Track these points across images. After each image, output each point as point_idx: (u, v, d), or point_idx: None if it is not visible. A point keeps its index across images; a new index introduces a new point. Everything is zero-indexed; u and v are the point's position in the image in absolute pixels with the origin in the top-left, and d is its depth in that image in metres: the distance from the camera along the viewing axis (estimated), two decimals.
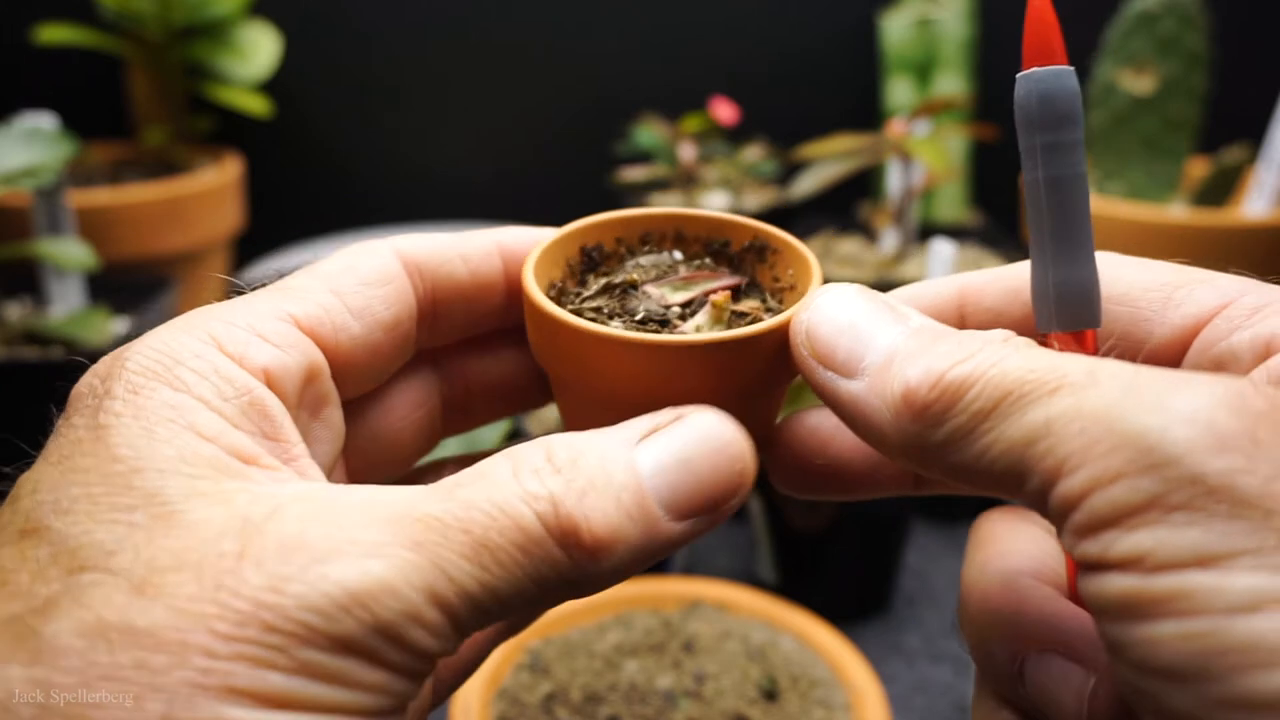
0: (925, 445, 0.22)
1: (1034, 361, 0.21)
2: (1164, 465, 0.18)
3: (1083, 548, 0.19)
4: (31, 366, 0.75)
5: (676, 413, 0.24)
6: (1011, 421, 0.20)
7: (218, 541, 0.19)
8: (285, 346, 0.24)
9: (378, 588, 0.19)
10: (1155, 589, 0.18)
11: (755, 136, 1.17)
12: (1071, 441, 0.19)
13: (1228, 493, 0.18)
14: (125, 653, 0.18)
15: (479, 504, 0.20)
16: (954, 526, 0.84)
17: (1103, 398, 0.19)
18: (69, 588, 0.19)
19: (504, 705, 0.52)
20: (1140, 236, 0.90)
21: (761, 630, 0.58)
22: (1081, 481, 0.19)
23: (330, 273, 0.27)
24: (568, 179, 1.28)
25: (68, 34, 1.03)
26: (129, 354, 0.23)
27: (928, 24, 1.11)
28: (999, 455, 0.20)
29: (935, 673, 0.68)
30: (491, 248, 0.30)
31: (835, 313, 0.25)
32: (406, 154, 1.27)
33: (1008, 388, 0.20)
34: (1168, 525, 0.18)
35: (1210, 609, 0.17)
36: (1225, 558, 0.17)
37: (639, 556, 0.22)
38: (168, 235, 1.01)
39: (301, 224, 1.23)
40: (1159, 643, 0.18)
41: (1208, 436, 0.18)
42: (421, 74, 1.23)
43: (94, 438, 0.21)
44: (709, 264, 0.32)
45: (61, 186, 0.81)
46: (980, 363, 0.21)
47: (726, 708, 0.51)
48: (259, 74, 1.07)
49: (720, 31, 1.21)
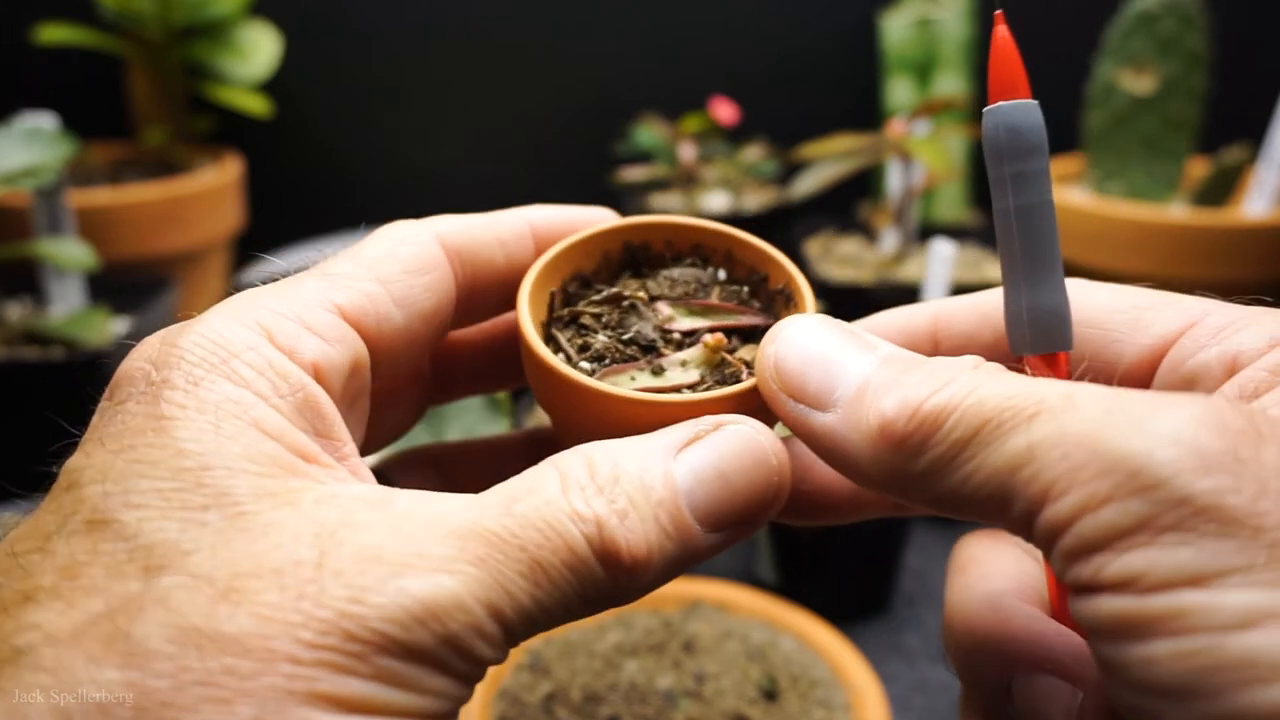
0: (905, 476, 0.22)
1: (1010, 387, 0.21)
2: (1152, 488, 0.18)
3: (1074, 571, 0.19)
4: (31, 366, 0.75)
5: (717, 421, 0.25)
6: (993, 449, 0.20)
7: (294, 548, 0.20)
8: (333, 341, 0.24)
9: (449, 602, 0.19)
10: (1149, 609, 0.18)
11: (755, 136, 1.17)
12: (1056, 467, 0.19)
13: (1216, 512, 0.18)
14: (215, 659, 0.18)
15: (534, 522, 0.21)
16: (954, 527, 0.84)
17: (1083, 421, 0.19)
18: (151, 588, 0.19)
19: (504, 705, 0.52)
20: (1140, 236, 0.90)
21: (761, 630, 0.58)
22: (1069, 506, 0.19)
23: (374, 258, 0.26)
24: (568, 179, 1.28)
25: (68, 34, 1.03)
26: (183, 341, 0.22)
27: (928, 24, 1.11)
28: (982, 483, 0.20)
29: (935, 673, 0.68)
30: (525, 229, 0.30)
31: (803, 344, 0.25)
32: (406, 154, 1.27)
33: (986, 415, 0.20)
34: (1159, 546, 0.18)
35: (1205, 627, 0.18)
36: (1217, 576, 0.18)
37: (674, 569, 0.23)
38: (168, 235, 1.01)
39: (301, 224, 1.23)
40: (1154, 662, 0.18)
41: (1193, 458, 0.18)
42: (422, 74, 1.23)
43: (157, 429, 0.21)
44: (744, 293, 0.31)
45: (61, 186, 0.81)
46: (956, 391, 0.21)
47: (726, 708, 0.51)
48: (259, 74, 1.07)
49: (720, 31, 1.21)
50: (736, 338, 0.30)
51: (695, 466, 0.24)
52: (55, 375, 0.75)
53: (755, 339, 0.30)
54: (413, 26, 1.20)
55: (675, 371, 0.28)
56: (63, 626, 0.18)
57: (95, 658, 0.18)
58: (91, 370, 0.75)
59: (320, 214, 1.26)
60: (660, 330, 0.30)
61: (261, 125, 1.18)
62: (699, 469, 0.24)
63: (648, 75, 1.23)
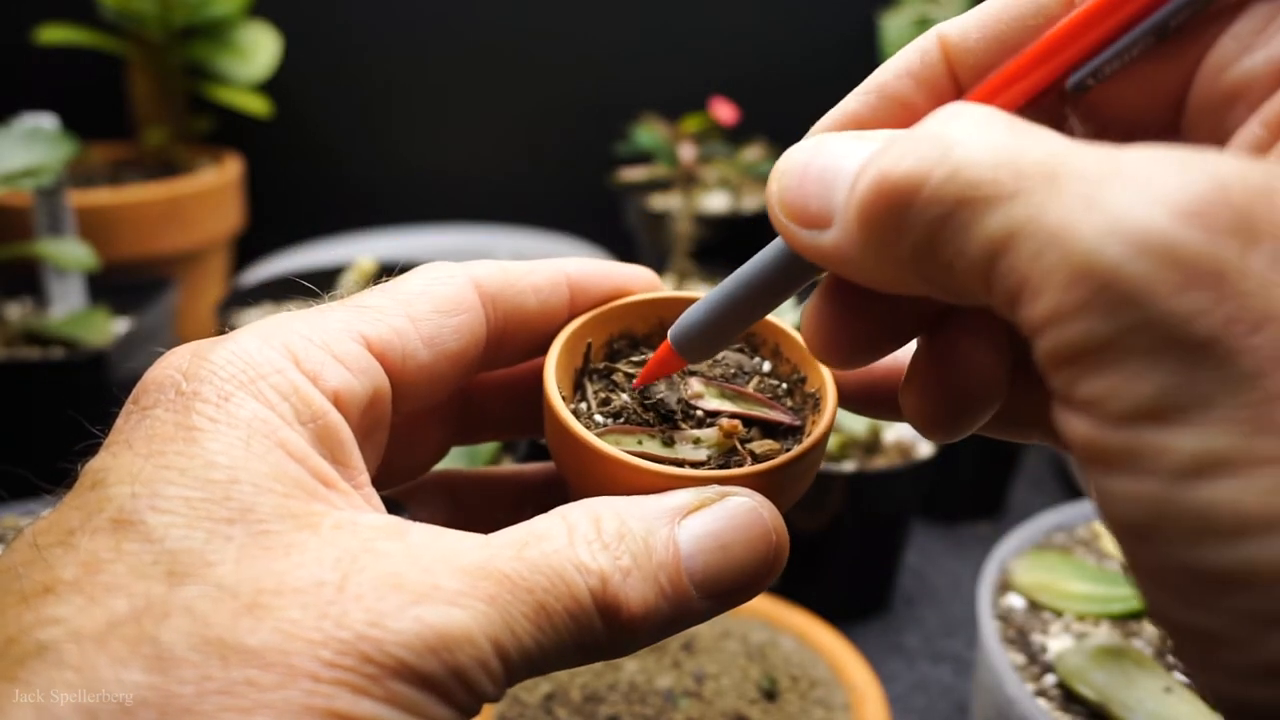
0: (899, 264, 0.20)
1: (991, 152, 0.18)
2: (1121, 305, 0.16)
3: (1052, 379, 0.18)
4: (31, 366, 0.75)
5: (722, 491, 0.25)
6: (971, 233, 0.18)
7: (316, 569, 0.20)
8: (356, 371, 0.24)
9: (460, 634, 0.20)
10: (1108, 441, 0.17)
11: (755, 136, 1.17)
12: (1029, 265, 0.17)
13: (1186, 337, 0.16)
14: (238, 669, 0.18)
15: (542, 568, 0.22)
16: (954, 526, 0.85)
17: (1061, 210, 0.17)
18: (175, 595, 0.19)
19: (504, 705, 0.52)
20: None
21: (761, 630, 0.58)
22: (1041, 313, 0.17)
23: (408, 295, 0.27)
24: (568, 179, 1.28)
25: (68, 34, 1.03)
26: (214, 356, 0.23)
27: (928, 24, 1.11)
28: (966, 269, 0.18)
29: (935, 673, 0.68)
30: (561, 279, 0.30)
31: (800, 160, 0.23)
32: (406, 154, 1.27)
33: (959, 192, 0.18)
34: (1121, 373, 0.16)
35: (1155, 470, 0.16)
36: (1176, 412, 0.16)
37: (666, 630, 0.24)
38: (168, 235, 1.01)
39: (301, 224, 1.23)
40: (1111, 497, 0.17)
41: (1170, 270, 0.16)
42: (421, 74, 1.23)
43: (187, 438, 0.21)
44: (780, 389, 0.31)
45: (62, 186, 0.81)
46: (926, 156, 0.19)
47: (726, 708, 0.51)
48: (259, 74, 1.08)
49: (720, 32, 1.21)
50: (758, 430, 0.30)
51: (698, 534, 0.24)
52: (55, 375, 0.75)
53: (777, 436, 0.29)
54: (413, 27, 1.20)
55: (686, 447, 0.28)
56: (86, 624, 0.19)
57: (121, 659, 0.18)
58: (92, 370, 0.75)
59: (320, 214, 1.26)
60: (685, 404, 0.30)
61: (261, 125, 1.18)
62: (701, 536, 0.24)
63: (648, 75, 1.23)
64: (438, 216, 1.26)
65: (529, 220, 1.26)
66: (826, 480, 0.66)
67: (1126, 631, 0.53)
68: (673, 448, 0.28)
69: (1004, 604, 0.55)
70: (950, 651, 0.70)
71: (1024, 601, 0.55)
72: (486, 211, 1.27)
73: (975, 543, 0.82)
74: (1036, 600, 0.55)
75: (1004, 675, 0.48)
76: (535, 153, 1.28)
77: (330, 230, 1.22)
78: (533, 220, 1.26)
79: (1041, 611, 0.55)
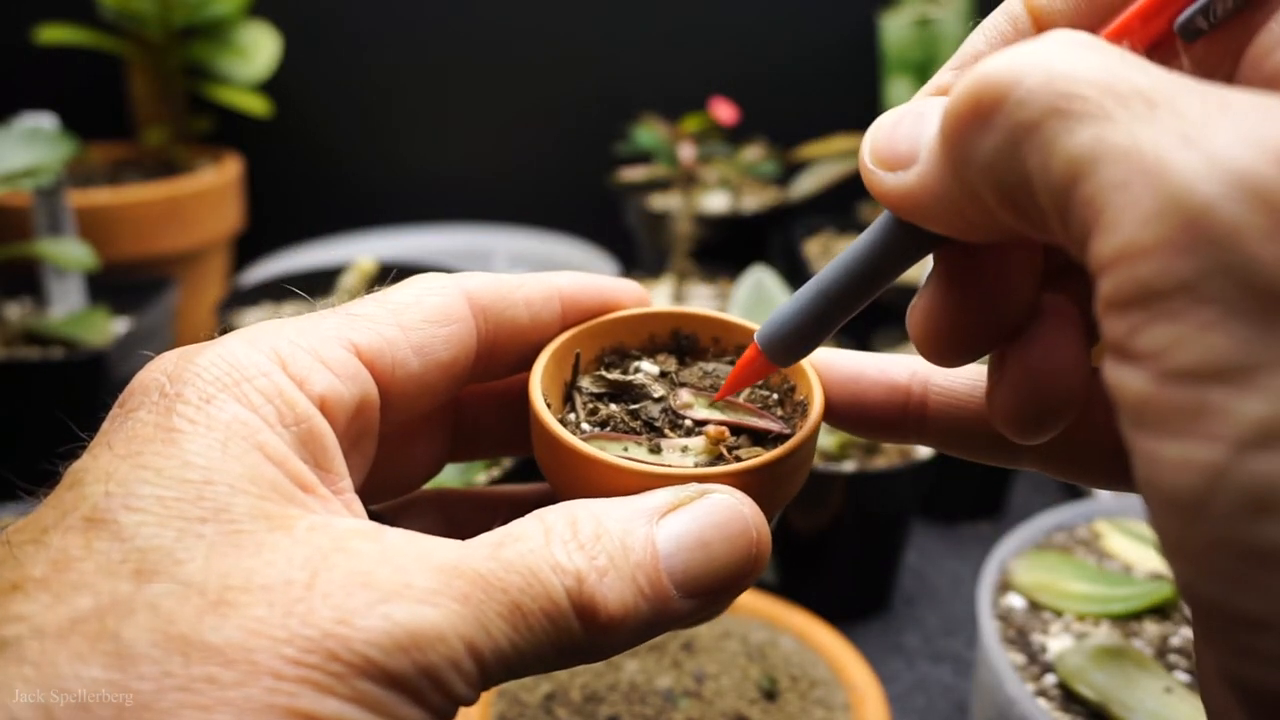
0: (974, 171, 0.19)
1: (1089, 66, 0.17)
2: (1206, 245, 0.15)
3: (1109, 324, 0.16)
4: (31, 366, 0.75)
5: (701, 489, 0.25)
6: (1059, 142, 0.17)
7: (286, 568, 0.20)
8: (344, 377, 0.24)
9: (431, 633, 0.20)
10: (1167, 400, 0.15)
11: (755, 136, 1.17)
12: (1111, 192, 0.16)
13: (1269, 289, 0.14)
14: (199, 666, 0.18)
15: (518, 568, 0.22)
16: (954, 526, 0.85)
17: (1155, 142, 0.16)
18: (141, 592, 0.19)
19: (504, 705, 0.52)
20: None
21: (761, 630, 0.58)
22: (1115, 245, 0.16)
23: (399, 304, 0.27)
24: (567, 179, 1.28)
25: (68, 34, 1.03)
26: (200, 358, 0.23)
27: (927, 24, 1.11)
28: (1044, 188, 0.17)
29: (935, 673, 0.68)
30: (553, 293, 0.30)
31: (891, 115, 0.23)
32: (406, 154, 1.27)
33: (1051, 100, 0.17)
34: (1193, 321, 0.15)
35: (1218, 434, 0.15)
36: (1247, 371, 0.14)
37: (647, 632, 0.24)
38: (168, 235, 1.01)
39: (301, 224, 1.23)
40: (1163, 465, 0.16)
41: (1265, 217, 0.14)
42: (421, 73, 1.23)
43: (166, 439, 0.21)
44: (770, 399, 0.31)
45: (61, 186, 0.81)
46: (1020, 62, 0.18)
47: (726, 708, 0.51)
48: (259, 74, 1.07)
49: (720, 32, 1.21)
50: (747, 438, 0.30)
51: (677, 533, 0.24)
52: (55, 375, 0.75)
53: (767, 445, 0.30)
54: (413, 27, 1.20)
55: (673, 454, 0.29)
56: (49, 621, 0.19)
57: (81, 655, 0.18)
58: (92, 370, 0.75)
59: (320, 214, 1.26)
60: (673, 414, 0.30)
61: (261, 125, 1.19)
62: (680, 535, 0.24)
63: (648, 75, 1.23)
64: (438, 216, 1.26)
65: (529, 220, 1.26)
66: (826, 480, 0.66)
67: (1127, 631, 0.53)
68: (659, 454, 0.29)
69: (1004, 604, 0.55)
70: (950, 651, 0.70)
71: (1024, 601, 0.55)
72: (486, 211, 1.27)
73: (975, 543, 0.82)
74: (1036, 600, 0.55)
75: (1004, 675, 0.48)
76: (535, 153, 1.28)
77: (330, 230, 1.22)
78: (533, 220, 1.26)
79: (1041, 611, 0.55)
